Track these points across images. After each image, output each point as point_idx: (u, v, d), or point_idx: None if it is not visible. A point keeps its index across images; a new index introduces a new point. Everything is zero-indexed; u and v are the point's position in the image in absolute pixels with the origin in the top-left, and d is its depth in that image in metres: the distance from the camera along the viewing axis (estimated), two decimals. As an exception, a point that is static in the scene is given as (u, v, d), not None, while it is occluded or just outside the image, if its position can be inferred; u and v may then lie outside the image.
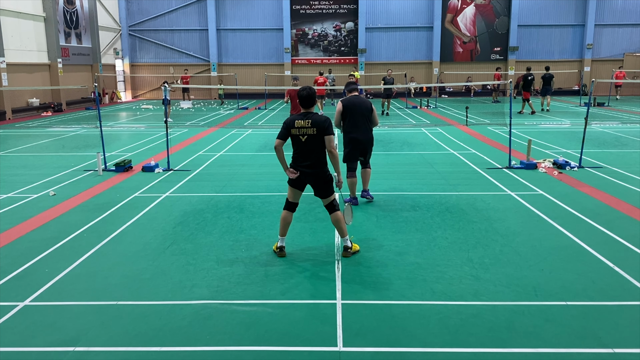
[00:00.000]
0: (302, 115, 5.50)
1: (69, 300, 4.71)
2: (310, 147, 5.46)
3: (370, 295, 4.73)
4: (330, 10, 31.43)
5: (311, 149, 5.46)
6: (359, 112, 7.36)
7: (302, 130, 5.42)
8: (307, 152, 5.48)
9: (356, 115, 7.35)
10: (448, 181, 9.24)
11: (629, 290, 4.79)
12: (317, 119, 5.45)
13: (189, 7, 31.40)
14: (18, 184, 9.38)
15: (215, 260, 5.63)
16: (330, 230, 6.55)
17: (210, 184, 9.27)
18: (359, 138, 7.40)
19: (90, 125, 18.66)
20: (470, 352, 3.81)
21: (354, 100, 7.41)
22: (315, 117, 5.45)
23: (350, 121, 7.38)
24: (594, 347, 3.86)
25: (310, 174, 5.52)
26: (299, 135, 5.44)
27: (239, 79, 30.28)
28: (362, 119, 7.39)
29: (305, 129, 5.41)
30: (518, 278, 5.06)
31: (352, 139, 7.46)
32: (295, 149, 5.57)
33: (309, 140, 5.43)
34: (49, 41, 24.33)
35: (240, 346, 3.92)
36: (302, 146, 5.47)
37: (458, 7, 31.09)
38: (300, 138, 5.45)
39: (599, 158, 11.13)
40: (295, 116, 5.54)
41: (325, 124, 5.44)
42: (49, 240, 6.33)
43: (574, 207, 7.48)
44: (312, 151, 5.47)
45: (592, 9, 30.29)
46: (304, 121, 5.43)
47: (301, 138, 5.44)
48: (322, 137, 5.44)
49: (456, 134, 15.18)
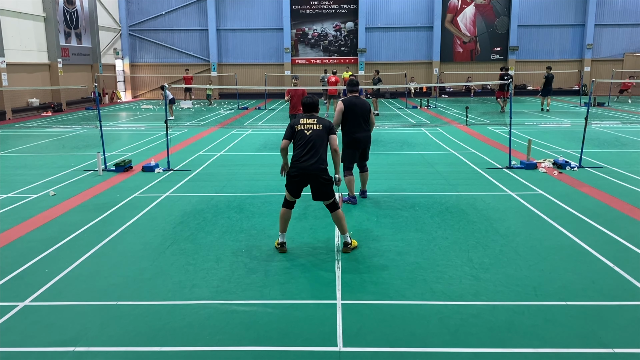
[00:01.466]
0: (306, 115, 5.76)
1: (69, 300, 4.71)
2: (313, 142, 5.59)
3: (370, 295, 4.73)
4: (330, 10, 31.43)
5: (315, 143, 5.59)
6: (359, 113, 7.40)
7: (308, 126, 5.66)
8: (310, 147, 5.58)
9: (357, 115, 7.40)
10: (448, 181, 9.24)
11: (629, 290, 4.79)
12: (322, 119, 5.75)
13: (189, 7, 31.40)
14: (18, 184, 9.38)
15: (215, 260, 5.63)
16: (330, 230, 6.55)
17: (210, 184, 9.27)
18: (360, 138, 7.46)
19: (90, 125, 18.66)
20: (470, 352, 3.81)
21: (355, 101, 7.45)
22: (320, 118, 5.77)
23: (352, 121, 7.41)
24: (594, 347, 3.86)
25: (312, 172, 5.56)
26: (304, 129, 5.63)
27: (239, 79, 30.27)
28: (362, 120, 7.45)
29: (310, 125, 5.66)
30: (518, 278, 5.06)
31: (353, 139, 7.50)
32: (297, 146, 5.66)
33: (314, 135, 5.60)
34: (49, 41, 24.33)
35: (240, 346, 3.92)
36: (306, 140, 5.59)
37: (458, 7, 31.09)
38: (305, 132, 5.62)
39: (599, 158, 11.13)
40: (300, 116, 5.79)
41: (330, 124, 5.75)
42: (49, 240, 6.33)
43: (574, 207, 7.48)
44: (315, 146, 5.59)
45: (592, 9, 30.30)
46: (309, 119, 5.71)
47: (306, 132, 5.62)
48: (326, 135, 5.65)
49: (456, 134, 15.18)
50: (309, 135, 5.59)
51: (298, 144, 5.65)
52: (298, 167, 5.59)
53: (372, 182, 9.07)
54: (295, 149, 5.68)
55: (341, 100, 7.47)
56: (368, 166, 8.02)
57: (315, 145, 5.58)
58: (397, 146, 13.28)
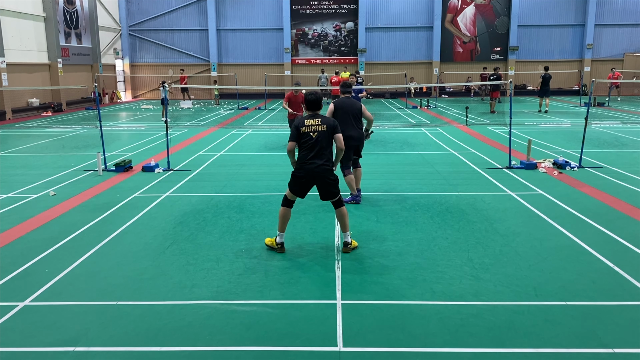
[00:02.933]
0: (310, 116, 5.80)
1: (69, 300, 4.71)
2: (320, 144, 5.67)
3: (370, 295, 4.73)
4: (330, 10, 31.43)
5: (321, 145, 5.67)
6: (350, 113, 7.62)
7: (313, 128, 5.69)
8: (316, 149, 5.65)
9: (348, 115, 7.60)
10: (448, 181, 9.24)
11: (629, 290, 4.79)
12: (325, 118, 5.79)
13: (189, 7, 31.40)
14: (18, 184, 9.38)
15: (215, 260, 5.63)
16: (330, 230, 6.55)
17: (210, 184, 9.27)
18: (353, 135, 7.60)
19: (90, 125, 18.66)
20: (470, 352, 3.81)
21: (345, 101, 7.70)
22: (324, 117, 5.80)
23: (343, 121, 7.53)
24: (594, 347, 3.86)
25: (318, 173, 5.63)
26: (310, 132, 5.68)
27: (239, 79, 30.26)
28: (354, 119, 7.65)
29: (315, 126, 5.70)
30: (518, 278, 5.06)
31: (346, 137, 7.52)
32: (303, 147, 5.71)
33: (319, 137, 5.66)
34: (49, 41, 24.33)
35: (240, 346, 3.92)
36: (312, 142, 5.65)
37: (458, 7, 31.08)
38: (310, 135, 5.67)
39: (599, 158, 11.13)
40: (304, 117, 5.83)
41: (335, 124, 5.82)
42: (49, 240, 6.33)
43: (574, 207, 7.48)
44: (322, 147, 5.68)
45: (592, 9, 30.29)
46: (313, 120, 5.74)
47: (312, 135, 5.67)
48: (331, 135, 5.74)
49: (456, 134, 15.18)
50: (315, 138, 5.65)
51: (304, 146, 5.69)
52: (305, 169, 5.65)
53: (373, 182, 9.07)
54: (302, 151, 5.73)
55: (333, 102, 7.73)
56: (368, 166, 8.05)
57: (321, 147, 5.67)
58: (397, 146, 13.28)
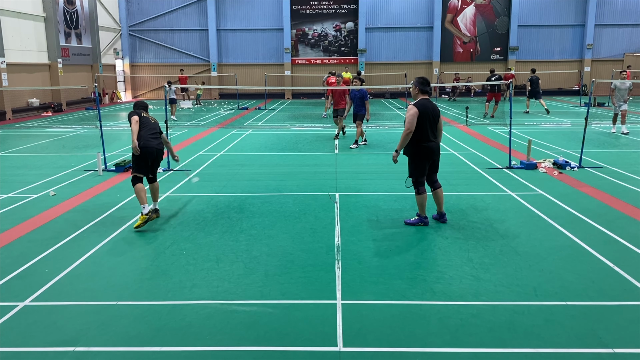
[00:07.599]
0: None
1: (69, 300, 4.71)
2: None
3: (370, 295, 4.73)
4: (330, 10, 31.44)
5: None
6: (430, 118, 6.43)
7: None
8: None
9: (428, 120, 6.42)
10: (448, 181, 9.24)
11: (629, 290, 4.79)
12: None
13: (189, 7, 31.41)
14: (18, 184, 9.38)
15: (215, 260, 5.63)
16: (330, 230, 6.55)
17: (210, 184, 9.27)
18: (432, 146, 6.51)
19: (90, 125, 18.66)
20: (470, 352, 3.81)
21: (428, 105, 6.46)
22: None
23: (421, 127, 6.40)
24: (594, 347, 3.86)
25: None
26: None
27: (239, 79, 30.27)
28: (431, 126, 6.48)
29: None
30: (518, 278, 5.06)
31: (424, 147, 6.48)
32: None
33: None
34: (49, 41, 24.33)
35: (240, 346, 3.92)
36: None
37: (458, 7, 31.09)
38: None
39: (599, 158, 11.13)
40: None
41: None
42: (49, 240, 6.33)
43: (574, 207, 7.48)
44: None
45: (592, 9, 30.30)
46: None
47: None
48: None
49: (456, 134, 15.17)
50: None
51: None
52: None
53: (373, 182, 9.08)
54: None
55: (413, 104, 6.46)
56: (368, 166, 7.96)
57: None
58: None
